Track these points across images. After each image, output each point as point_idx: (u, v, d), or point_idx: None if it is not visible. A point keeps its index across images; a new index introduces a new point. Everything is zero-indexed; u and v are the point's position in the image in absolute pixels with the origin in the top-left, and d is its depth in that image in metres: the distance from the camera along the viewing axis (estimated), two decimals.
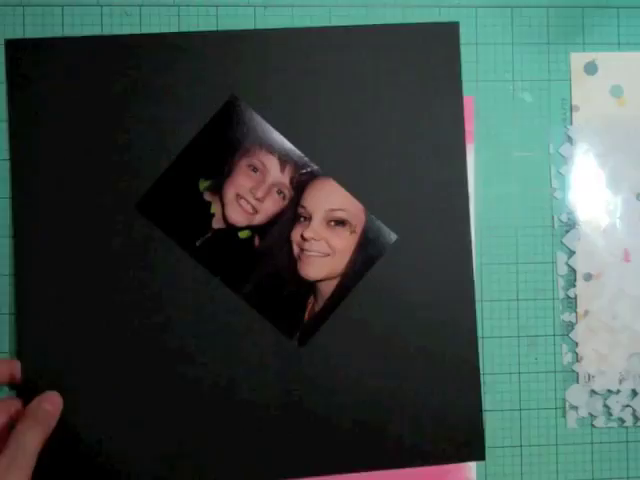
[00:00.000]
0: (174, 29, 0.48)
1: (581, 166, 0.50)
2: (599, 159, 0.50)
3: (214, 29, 0.48)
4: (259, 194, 0.47)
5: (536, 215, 0.50)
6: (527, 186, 0.50)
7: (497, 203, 0.49)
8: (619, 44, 0.50)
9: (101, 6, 0.48)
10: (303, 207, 0.47)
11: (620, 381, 0.49)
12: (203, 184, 0.47)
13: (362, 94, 0.48)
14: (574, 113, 0.50)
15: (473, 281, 0.48)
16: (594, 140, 0.50)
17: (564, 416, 0.49)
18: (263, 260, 0.47)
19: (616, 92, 0.50)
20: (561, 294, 0.50)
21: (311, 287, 0.48)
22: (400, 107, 0.48)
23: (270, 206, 0.47)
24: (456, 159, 0.48)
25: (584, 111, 0.50)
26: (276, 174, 0.47)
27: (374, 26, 0.48)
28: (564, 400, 0.49)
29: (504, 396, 0.49)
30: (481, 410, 0.48)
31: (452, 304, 0.48)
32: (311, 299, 0.48)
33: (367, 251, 0.48)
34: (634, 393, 0.49)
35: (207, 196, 0.47)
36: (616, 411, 0.49)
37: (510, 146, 0.50)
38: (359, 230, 0.48)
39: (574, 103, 0.50)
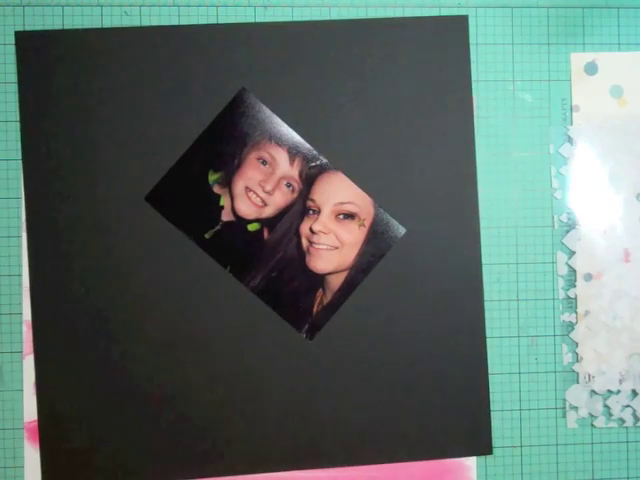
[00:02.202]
0: None
1: (581, 166, 0.50)
2: (599, 159, 0.50)
3: None
4: (268, 187, 0.47)
5: (536, 215, 0.50)
6: (527, 186, 0.50)
7: (497, 203, 0.49)
8: (619, 44, 0.50)
9: (101, 6, 0.48)
10: (312, 200, 0.48)
11: (620, 381, 0.49)
12: (212, 177, 0.47)
13: (371, 87, 0.48)
14: (574, 113, 0.50)
15: (481, 274, 0.48)
16: (594, 140, 0.50)
17: (564, 416, 0.49)
18: (272, 253, 0.48)
19: (616, 92, 0.50)
20: (561, 294, 0.50)
21: (320, 280, 0.48)
22: (409, 100, 0.48)
23: (279, 199, 0.48)
24: (465, 153, 0.48)
25: (584, 111, 0.50)
26: (285, 167, 0.48)
27: (383, 19, 0.48)
28: (564, 400, 0.49)
29: (504, 396, 0.49)
30: (489, 404, 0.48)
31: (460, 297, 0.48)
32: (320, 292, 0.48)
33: (376, 244, 0.48)
34: (634, 393, 0.49)
35: (216, 189, 0.48)
36: (616, 411, 0.49)
37: (510, 146, 0.50)
38: (368, 223, 0.48)
39: (574, 103, 0.50)
